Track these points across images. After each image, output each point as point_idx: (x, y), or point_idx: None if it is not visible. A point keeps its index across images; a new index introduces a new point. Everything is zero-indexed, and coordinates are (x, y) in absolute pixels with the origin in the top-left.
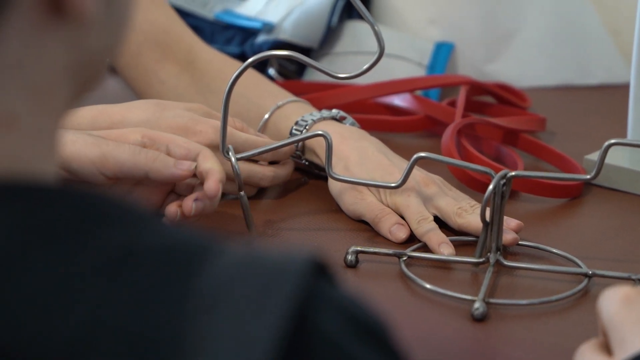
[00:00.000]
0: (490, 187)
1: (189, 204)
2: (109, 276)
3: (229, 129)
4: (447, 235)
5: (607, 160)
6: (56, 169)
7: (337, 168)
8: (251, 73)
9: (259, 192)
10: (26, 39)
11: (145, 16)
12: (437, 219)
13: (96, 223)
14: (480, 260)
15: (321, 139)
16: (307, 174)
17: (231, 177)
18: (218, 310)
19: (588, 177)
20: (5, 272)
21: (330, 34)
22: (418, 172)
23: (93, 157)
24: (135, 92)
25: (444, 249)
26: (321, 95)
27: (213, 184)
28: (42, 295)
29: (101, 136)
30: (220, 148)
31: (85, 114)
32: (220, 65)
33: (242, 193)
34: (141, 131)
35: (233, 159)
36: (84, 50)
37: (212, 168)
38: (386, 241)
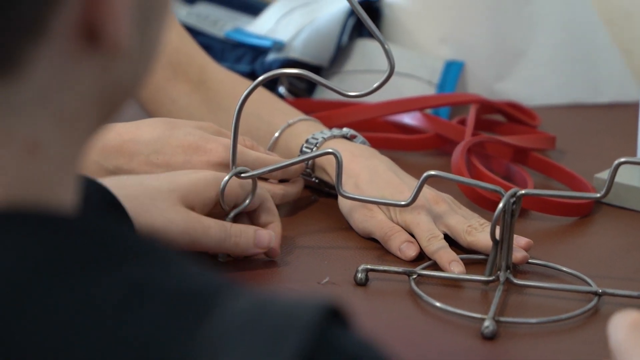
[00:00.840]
0: (500, 205)
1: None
2: (117, 315)
3: (239, 147)
4: (457, 254)
5: (617, 178)
6: (75, 196)
7: (347, 186)
8: (261, 91)
9: None
10: (57, 68)
11: None
12: (446, 237)
13: (110, 258)
14: (490, 278)
15: (331, 157)
16: (317, 192)
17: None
18: (226, 357)
19: (598, 195)
20: (14, 303)
21: (340, 53)
22: (428, 190)
23: (183, 243)
24: (145, 111)
25: (454, 267)
26: (331, 114)
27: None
28: (51, 325)
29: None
30: (231, 166)
31: None
32: (231, 83)
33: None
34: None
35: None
36: (113, 79)
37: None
38: (396, 259)
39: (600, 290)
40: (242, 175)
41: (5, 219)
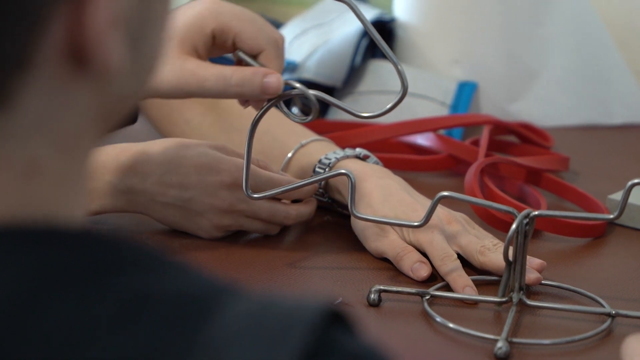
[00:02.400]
0: (514, 226)
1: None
2: (120, 324)
3: (252, 167)
4: (470, 274)
5: (631, 200)
6: (83, 211)
7: (360, 205)
8: (275, 112)
9: (282, 230)
10: (49, 93)
11: None
12: (459, 257)
13: (112, 269)
14: (504, 299)
15: (344, 177)
16: (330, 212)
17: (258, 217)
18: (228, 359)
19: (611, 216)
20: (17, 317)
21: (353, 73)
22: (441, 210)
23: (180, 97)
24: (159, 131)
25: (468, 292)
26: (344, 134)
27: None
28: (50, 342)
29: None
30: (244, 187)
31: (109, 151)
32: None
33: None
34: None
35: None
36: (111, 96)
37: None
38: (409, 280)
39: (613, 312)
40: (255, 195)
41: (5, 235)
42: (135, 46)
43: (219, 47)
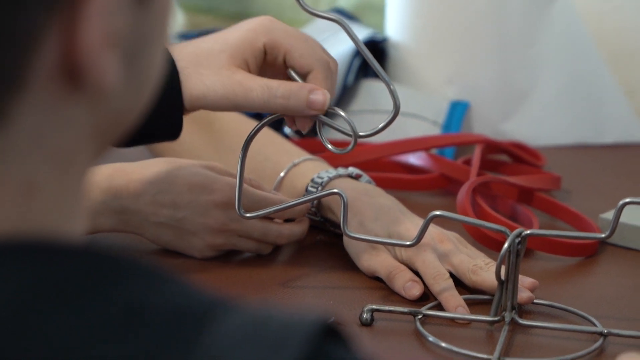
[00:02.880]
0: (506, 245)
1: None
2: (117, 335)
3: (245, 186)
4: (462, 293)
5: (622, 219)
6: (81, 228)
7: (352, 224)
8: (267, 131)
9: (275, 249)
10: (45, 112)
11: None
12: (452, 276)
13: (109, 281)
14: (496, 318)
15: (337, 196)
16: (323, 231)
17: (250, 236)
18: None
19: (603, 235)
20: (15, 327)
21: (346, 93)
22: (433, 229)
23: (225, 108)
24: (151, 151)
25: (460, 312)
26: (337, 154)
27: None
28: (48, 352)
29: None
30: (236, 206)
31: (103, 171)
32: (237, 124)
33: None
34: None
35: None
36: (108, 114)
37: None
38: (402, 299)
39: (605, 331)
40: (247, 215)
41: (4, 249)
42: (131, 63)
43: (269, 64)
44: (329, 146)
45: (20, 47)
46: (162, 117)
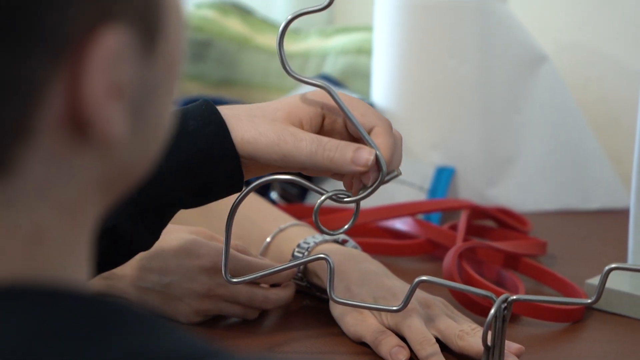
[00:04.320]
0: (492, 311)
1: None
2: None
3: (232, 251)
4: (448, 358)
5: (608, 284)
6: (86, 276)
7: (339, 289)
8: (254, 197)
9: (261, 314)
10: (51, 162)
11: None
12: (438, 342)
13: (111, 327)
14: None
15: (323, 261)
16: (309, 296)
17: (237, 301)
18: None
19: (589, 301)
20: None
21: None
22: (420, 294)
23: (274, 156)
24: None
25: None
26: (323, 219)
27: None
28: None
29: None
30: (223, 271)
31: None
32: None
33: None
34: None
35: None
36: (114, 165)
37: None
38: None
39: None
40: (234, 280)
41: (10, 293)
42: (138, 115)
43: (328, 129)
44: (327, 232)
45: (25, 97)
46: (218, 166)
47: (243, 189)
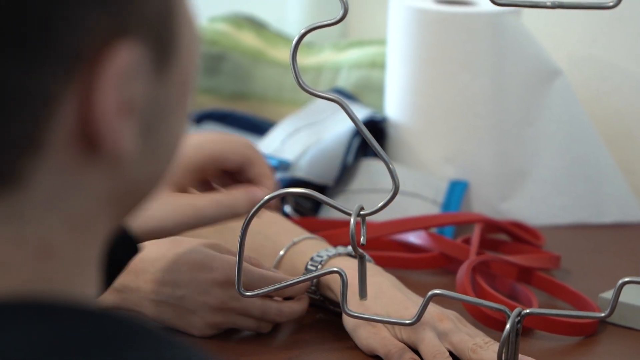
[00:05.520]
0: (508, 326)
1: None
2: None
3: (245, 265)
4: None
5: (622, 298)
6: (95, 292)
7: (352, 302)
8: (267, 210)
9: (274, 328)
10: (61, 176)
11: None
12: (451, 355)
13: (122, 343)
14: None
15: (336, 275)
16: (322, 309)
17: (250, 314)
18: None
19: (602, 315)
20: None
21: (345, 172)
22: (433, 307)
23: (183, 232)
24: None
25: None
26: (337, 233)
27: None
28: None
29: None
30: (236, 284)
31: None
32: None
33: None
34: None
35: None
36: (124, 181)
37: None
38: None
39: None
40: (247, 293)
41: (19, 308)
42: (149, 133)
43: (210, 177)
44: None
45: (36, 110)
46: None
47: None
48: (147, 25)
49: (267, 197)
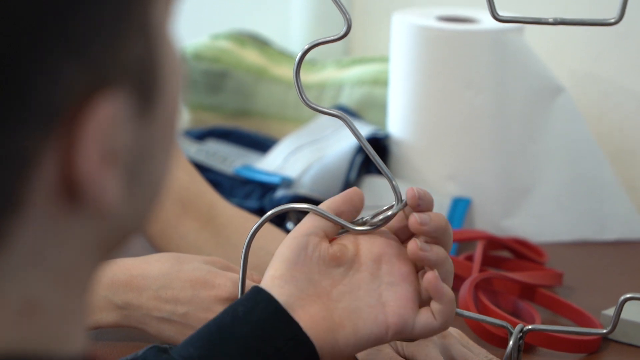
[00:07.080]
0: (511, 343)
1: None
2: None
3: (248, 281)
4: None
5: (624, 315)
6: (82, 343)
7: None
8: (270, 227)
9: None
10: (46, 230)
11: None
12: None
13: None
14: None
15: None
16: None
17: None
18: None
19: (604, 331)
20: None
21: (348, 189)
22: None
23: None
24: (154, 246)
25: None
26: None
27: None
28: None
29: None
30: None
31: (105, 267)
32: (239, 219)
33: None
34: None
35: None
36: (109, 229)
37: None
38: None
39: None
40: None
41: None
42: (133, 178)
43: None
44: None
45: (16, 168)
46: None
47: (259, 219)
48: (128, 73)
49: (269, 213)
